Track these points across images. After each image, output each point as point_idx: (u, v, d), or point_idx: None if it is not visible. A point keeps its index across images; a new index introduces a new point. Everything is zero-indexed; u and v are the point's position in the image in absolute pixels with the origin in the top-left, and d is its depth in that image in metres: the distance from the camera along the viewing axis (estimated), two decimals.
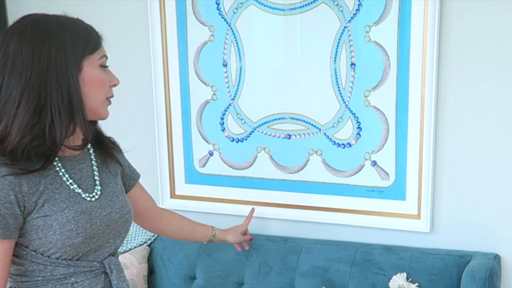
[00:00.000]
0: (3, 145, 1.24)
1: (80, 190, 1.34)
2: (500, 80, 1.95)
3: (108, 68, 1.38)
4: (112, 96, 1.39)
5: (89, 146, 1.43)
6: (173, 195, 2.43)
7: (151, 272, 2.34)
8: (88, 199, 1.35)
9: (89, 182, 1.38)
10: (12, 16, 2.55)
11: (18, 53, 1.24)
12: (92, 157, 1.43)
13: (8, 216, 1.23)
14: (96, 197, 1.38)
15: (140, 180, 1.67)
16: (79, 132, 1.33)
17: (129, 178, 1.60)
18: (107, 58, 1.37)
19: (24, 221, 1.27)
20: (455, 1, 1.93)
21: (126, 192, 1.60)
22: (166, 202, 2.43)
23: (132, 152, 1.64)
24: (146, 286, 2.30)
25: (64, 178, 1.33)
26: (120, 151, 1.56)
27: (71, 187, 1.33)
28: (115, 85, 1.39)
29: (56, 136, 1.26)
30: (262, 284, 2.17)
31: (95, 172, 1.41)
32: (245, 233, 2.13)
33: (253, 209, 2.19)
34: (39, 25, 1.27)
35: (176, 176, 2.41)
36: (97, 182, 1.40)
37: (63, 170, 1.33)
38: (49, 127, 1.25)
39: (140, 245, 2.33)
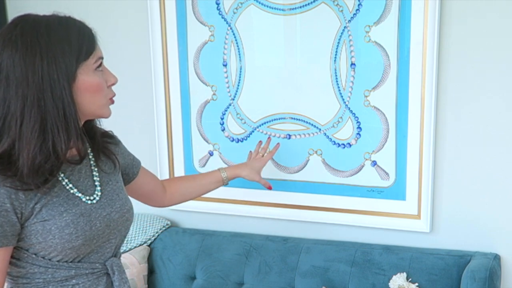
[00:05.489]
0: (16, 166, 1.21)
1: (80, 194, 1.32)
2: (500, 79, 1.94)
3: (104, 66, 1.32)
4: (114, 96, 1.36)
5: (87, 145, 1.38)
6: None
7: (151, 272, 2.33)
8: (89, 202, 1.33)
9: (88, 183, 1.35)
10: (12, 16, 2.54)
11: (11, 67, 1.20)
12: (91, 156, 1.40)
13: (5, 224, 1.22)
14: (97, 198, 1.35)
15: None
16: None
17: (132, 167, 1.58)
18: (102, 58, 1.31)
19: (22, 226, 1.25)
20: (455, 1, 1.93)
21: (132, 181, 1.59)
22: None
23: (132, 151, 1.64)
24: (146, 286, 2.30)
25: (64, 183, 1.31)
26: (116, 143, 1.52)
27: (71, 191, 1.31)
28: (113, 84, 1.34)
29: (59, 152, 1.23)
30: (262, 284, 2.17)
31: (94, 173, 1.38)
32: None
33: (278, 144, 2.03)
34: (29, 35, 1.21)
35: (176, 176, 2.40)
36: (97, 183, 1.37)
37: (62, 174, 1.30)
38: (52, 144, 1.22)
39: (140, 245, 2.33)
